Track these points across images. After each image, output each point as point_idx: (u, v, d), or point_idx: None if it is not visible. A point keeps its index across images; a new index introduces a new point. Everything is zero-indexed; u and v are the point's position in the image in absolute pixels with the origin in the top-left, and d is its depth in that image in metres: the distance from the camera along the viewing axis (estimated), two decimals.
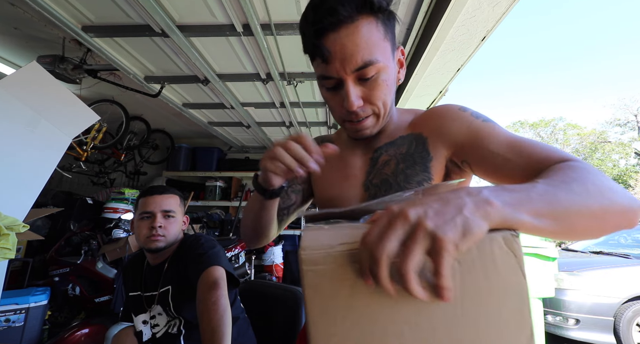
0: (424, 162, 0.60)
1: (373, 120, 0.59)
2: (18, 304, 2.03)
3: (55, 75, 2.07)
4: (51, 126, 1.50)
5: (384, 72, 0.55)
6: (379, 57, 0.53)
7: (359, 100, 0.55)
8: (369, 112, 0.58)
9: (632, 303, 2.72)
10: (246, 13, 1.66)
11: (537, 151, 0.48)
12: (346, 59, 0.51)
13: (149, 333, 1.17)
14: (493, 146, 0.53)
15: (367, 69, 0.52)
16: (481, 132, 0.55)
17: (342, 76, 0.53)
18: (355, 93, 0.54)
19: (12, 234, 1.22)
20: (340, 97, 0.56)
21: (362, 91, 0.55)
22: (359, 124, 0.59)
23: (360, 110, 0.57)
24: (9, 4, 1.86)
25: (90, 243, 2.72)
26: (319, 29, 0.51)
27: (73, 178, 3.70)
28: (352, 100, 0.54)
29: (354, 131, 0.61)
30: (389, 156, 0.64)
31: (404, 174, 0.60)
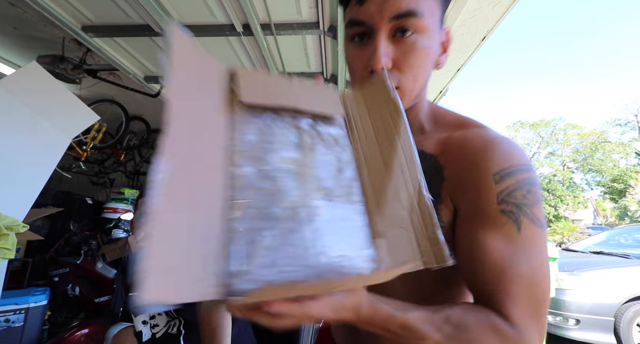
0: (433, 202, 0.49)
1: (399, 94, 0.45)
2: (18, 305, 2.03)
3: (55, 75, 2.07)
4: (51, 126, 1.50)
5: (426, 37, 0.44)
6: (426, 13, 0.43)
7: (388, 59, 0.44)
8: (394, 82, 0.44)
9: (633, 303, 2.72)
10: (246, 13, 1.66)
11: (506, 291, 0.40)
12: (386, 3, 0.42)
13: (149, 333, 1.17)
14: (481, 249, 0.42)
15: (409, 21, 0.42)
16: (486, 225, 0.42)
17: (376, 23, 0.43)
18: (385, 49, 0.43)
19: (12, 234, 1.22)
20: (365, 53, 0.45)
21: (395, 51, 0.44)
22: None
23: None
24: (9, 4, 1.86)
25: (90, 243, 2.72)
26: None
27: (73, 178, 3.70)
28: (379, 54, 0.43)
29: None
30: None
31: None
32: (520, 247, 0.41)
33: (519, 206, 0.41)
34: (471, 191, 0.44)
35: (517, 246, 0.41)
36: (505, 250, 0.40)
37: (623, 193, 17.20)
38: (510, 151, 0.44)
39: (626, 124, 19.27)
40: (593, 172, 19.12)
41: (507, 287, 0.40)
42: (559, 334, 2.84)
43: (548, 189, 18.20)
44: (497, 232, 0.41)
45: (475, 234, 0.42)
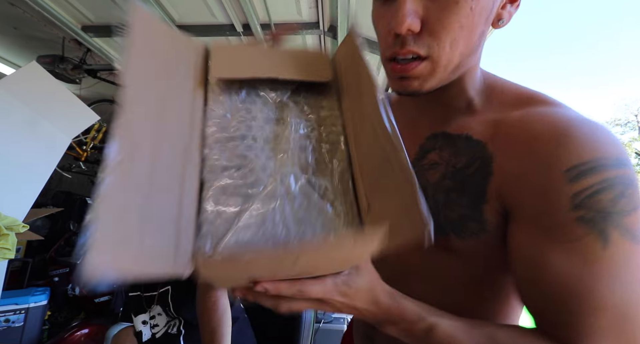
0: (475, 200, 0.38)
1: (426, 67, 0.36)
2: (18, 305, 2.03)
3: (55, 75, 2.07)
4: (51, 126, 1.50)
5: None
6: None
7: (416, 19, 0.33)
8: (422, 50, 0.35)
9: None
10: (246, 13, 1.66)
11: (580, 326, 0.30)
12: None
13: (149, 333, 1.17)
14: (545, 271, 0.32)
15: None
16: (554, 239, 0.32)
17: None
18: (413, 4, 0.33)
19: (12, 234, 1.22)
20: (390, 12, 0.35)
21: (427, 7, 0.33)
22: (405, 68, 0.36)
23: (412, 40, 0.34)
24: (9, 4, 1.86)
25: None
26: None
27: (73, 178, 3.69)
28: (404, 11, 0.32)
29: (396, 78, 0.38)
30: (440, 159, 0.42)
31: (445, 195, 0.40)
32: (606, 268, 0.30)
33: (605, 214, 0.30)
34: (532, 192, 0.33)
35: (602, 267, 0.30)
36: (584, 272, 0.30)
37: None
38: (594, 137, 0.32)
39: (626, 124, 19.28)
40: None
41: (586, 320, 0.30)
42: None
43: None
44: (571, 248, 0.31)
45: (539, 249, 0.32)
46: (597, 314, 0.30)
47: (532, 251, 0.33)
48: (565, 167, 0.31)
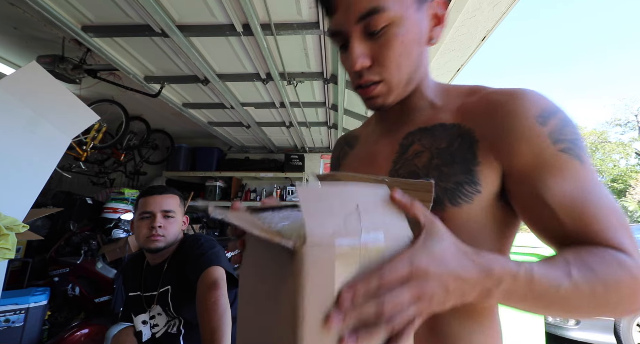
0: (467, 164, 0.45)
1: (383, 88, 0.47)
2: (18, 305, 2.03)
3: (55, 75, 2.07)
4: (51, 126, 1.50)
5: (398, 25, 0.44)
6: (391, 4, 0.43)
7: (364, 58, 0.45)
8: (376, 77, 0.46)
9: None
10: (246, 13, 1.66)
11: (598, 221, 0.38)
12: (350, 6, 0.43)
13: (149, 333, 1.17)
14: (550, 194, 0.40)
15: (374, 18, 0.43)
16: (547, 169, 0.41)
17: (346, 29, 0.45)
18: (359, 49, 0.45)
19: (12, 234, 1.22)
20: (347, 57, 0.47)
21: (371, 48, 0.45)
22: (367, 91, 0.48)
23: (366, 72, 0.46)
24: (9, 4, 1.86)
25: (90, 243, 2.72)
26: None
27: (73, 178, 3.69)
28: (353, 57, 0.45)
29: (364, 100, 0.51)
30: (422, 147, 0.50)
31: (438, 171, 0.47)
32: (589, 179, 0.40)
33: (574, 142, 0.41)
34: (518, 141, 0.42)
35: (587, 179, 0.40)
36: (578, 186, 0.40)
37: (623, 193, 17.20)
38: (539, 95, 0.44)
39: (626, 124, 19.28)
40: None
41: (600, 219, 0.38)
42: (559, 334, 2.84)
43: None
44: (563, 173, 0.40)
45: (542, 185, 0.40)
46: (604, 213, 0.38)
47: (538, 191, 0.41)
48: (535, 115, 0.42)
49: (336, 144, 0.73)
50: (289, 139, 4.31)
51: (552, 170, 0.41)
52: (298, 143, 4.45)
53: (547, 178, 0.40)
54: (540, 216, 0.41)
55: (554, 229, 0.40)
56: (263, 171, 4.50)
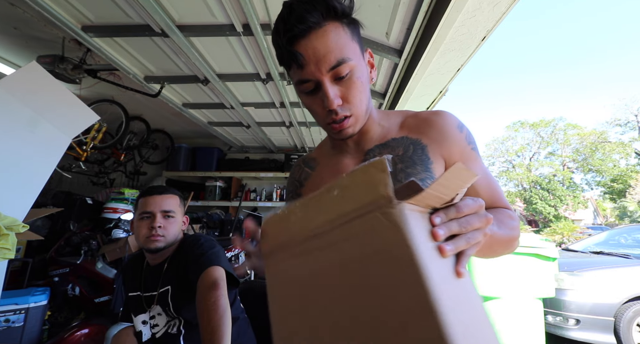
0: (425, 164, 0.62)
1: (352, 120, 0.61)
2: (18, 305, 2.03)
3: (55, 75, 2.07)
4: (51, 126, 1.50)
5: (357, 71, 0.57)
6: (351, 55, 0.56)
7: (338, 98, 0.57)
8: (347, 112, 0.59)
9: (633, 303, 2.72)
10: (246, 13, 1.66)
11: (496, 193, 0.66)
12: (320, 60, 0.54)
13: (149, 333, 1.17)
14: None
15: (341, 67, 0.55)
16: (468, 160, 0.64)
17: (318, 77, 0.56)
18: (333, 92, 0.56)
19: (12, 234, 1.22)
20: (319, 99, 0.58)
21: (340, 90, 0.57)
22: (340, 125, 0.60)
23: (340, 109, 0.58)
24: (9, 4, 1.86)
25: (90, 243, 2.72)
26: (290, 38, 0.54)
27: (73, 178, 3.69)
28: (331, 98, 0.56)
29: (336, 132, 0.62)
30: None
31: (404, 173, 0.62)
32: (484, 166, 0.68)
33: (475, 143, 0.67)
34: (451, 142, 0.64)
35: (484, 167, 0.68)
36: (484, 171, 0.67)
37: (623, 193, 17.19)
38: (449, 113, 0.67)
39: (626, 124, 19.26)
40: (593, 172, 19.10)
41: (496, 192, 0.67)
42: (559, 334, 2.84)
43: (548, 189, 18.18)
44: (476, 163, 0.66)
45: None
46: (497, 188, 0.67)
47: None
48: (455, 126, 0.65)
49: (295, 166, 0.81)
50: (289, 139, 4.31)
51: (471, 161, 0.65)
52: (298, 143, 4.45)
53: (469, 166, 0.57)
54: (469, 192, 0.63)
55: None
56: (263, 171, 4.50)
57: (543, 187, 18.44)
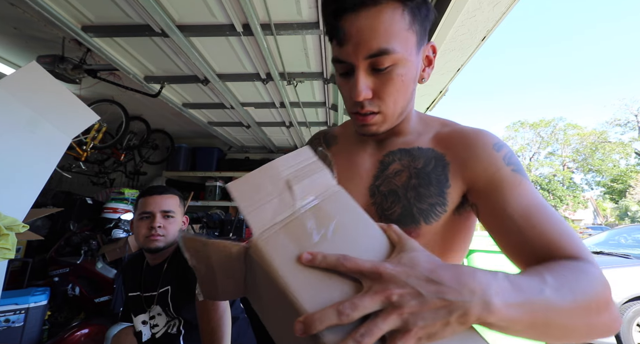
0: (441, 186, 0.54)
1: (379, 118, 0.53)
2: (18, 305, 2.03)
3: (55, 75, 2.07)
4: (51, 126, 1.50)
5: (401, 66, 0.49)
6: (398, 47, 0.47)
7: (368, 91, 0.50)
8: (375, 109, 0.51)
9: (633, 303, 2.72)
10: (246, 13, 1.66)
11: (552, 231, 0.44)
12: (361, 44, 0.47)
13: (149, 333, 1.17)
14: (510, 206, 0.47)
15: (382, 58, 0.47)
16: (505, 185, 0.49)
17: (354, 62, 0.49)
18: (364, 83, 0.49)
19: (12, 234, 1.22)
20: (349, 86, 0.51)
21: (374, 82, 0.50)
22: (364, 119, 0.53)
23: (368, 103, 0.51)
24: (9, 4, 1.86)
25: (90, 243, 2.72)
26: (338, 9, 0.47)
27: (73, 178, 3.69)
28: (359, 89, 0.49)
29: (359, 125, 0.55)
30: (402, 166, 0.57)
31: (415, 192, 0.54)
32: (536, 193, 0.49)
33: (519, 165, 0.52)
34: (482, 162, 0.52)
35: (535, 194, 0.49)
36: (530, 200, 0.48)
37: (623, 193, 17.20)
38: (493, 133, 0.57)
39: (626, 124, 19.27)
40: (593, 172, 19.11)
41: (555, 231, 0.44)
42: None
43: (548, 189, 18.18)
44: (518, 189, 0.49)
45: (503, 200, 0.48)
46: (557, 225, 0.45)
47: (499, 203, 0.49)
48: (492, 144, 0.53)
49: (314, 138, 0.74)
50: (289, 139, 4.31)
51: (509, 186, 0.49)
52: (298, 143, 4.45)
53: (507, 193, 0.49)
54: (503, 227, 0.48)
55: (516, 240, 0.46)
56: None
57: (543, 187, 18.44)
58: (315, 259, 0.31)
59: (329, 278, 0.31)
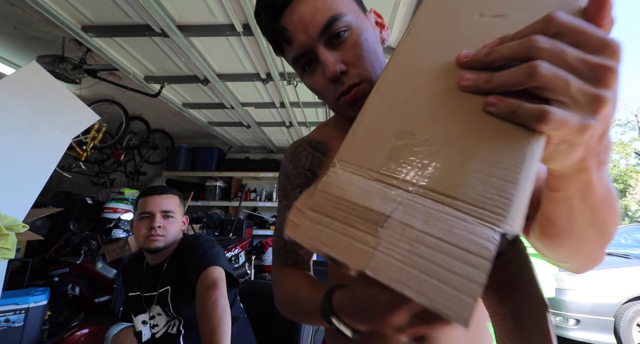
0: None
1: (365, 87, 0.48)
2: (18, 305, 2.03)
3: (55, 75, 2.07)
4: (51, 126, 1.50)
5: (358, 29, 0.47)
6: (345, 11, 0.46)
7: (339, 63, 0.46)
8: (356, 79, 0.47)
9: (633, 303, 2.72)
10: (246, 13, 1.66)
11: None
12: (309, 25, 0.45)
13: (149, 333, 1.17)
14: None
15: (335, 25, 0.45)
16: None
17: (309, 45, 0.46)
18: (331, 57, 0.46)
19: (12, 234, 1.22)
20: (320, 73, 0.48)
21: (340, 54, 0.47)
22: (351, 95, 0.48)
23: (345, 76, 0.47)
24: (9, 4, 1.86)
25: (90, 243, 2.72)
26: (275, 13, 0.47)
27: (73, 178, 3.70)
28: (329, 62, 0.45)
29: (349, 104, 0.49)
30: None
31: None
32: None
33: None
34: None
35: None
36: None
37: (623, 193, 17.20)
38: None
39: (626, 124, 19.27)
40: None
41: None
42: (559, 334, 2.83)
43: None
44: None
45: None
46: None
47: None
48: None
49: (298, 152, 0.64)
50: (289, 139, 4.31)
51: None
52: None
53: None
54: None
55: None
56: (263, 171, 4.51)
57: None
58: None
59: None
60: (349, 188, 0.27)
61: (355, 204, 0.26)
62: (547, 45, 0.22)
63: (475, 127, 0.25)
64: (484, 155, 0.24)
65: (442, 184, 0.24)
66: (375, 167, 0.27)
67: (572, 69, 0.22)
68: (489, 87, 0.24)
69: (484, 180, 0.23)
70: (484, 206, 0.23)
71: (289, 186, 0.62)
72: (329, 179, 0.29)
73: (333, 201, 0.27)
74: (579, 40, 0.22)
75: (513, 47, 0.23)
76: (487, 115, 0.25)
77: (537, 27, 0.23)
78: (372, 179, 0.27)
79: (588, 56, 0.22)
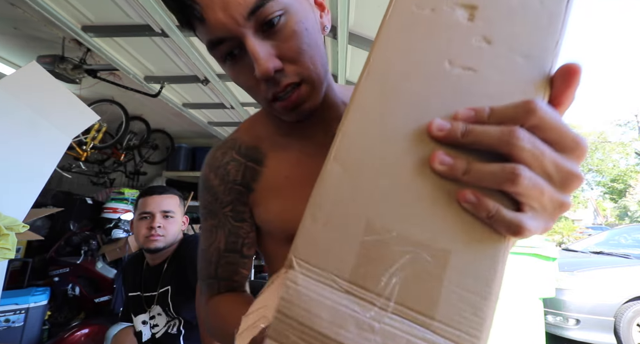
0: None
1: (306, 88, 0.39)
2: (18, 305, 2.03)
3: (55, 75, 2.07)
4: (51, 126, 1.50)
5: (296, 14, 0.37)
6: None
7: (273, 59, 0.36)
8: (294, 78, 0.38)
9: (633, 303, 2.72)
10: None
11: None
12: (230, 3, 0.33)
13: (149, 333, 1.17)
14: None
15: (266, 8, 0.34)
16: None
17: (234, 30, 0.35)
18: (264, 50, 0.36)
19: (12, 234, 1.22)
20: (248, 66, 0.37)
21: (274, 46, 0.36)
22: (289, 99, 0.39)
23: (281, 75, 0.37)
24: (9, 4, 1.86)
25: (90, 243, 2.72)
26: None
27: (73, 178, 3.70)
28: (261, 59, 0.35)
29: (287, 112, 0.41)
30: None
31: None
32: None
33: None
34: None
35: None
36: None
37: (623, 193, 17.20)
38: None
39: (626, 124, 19.27)
40: (593, 172, 19.12)
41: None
42: (559, 334, 2.84)
43: None
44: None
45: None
46: None
47: None
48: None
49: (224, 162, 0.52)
50: None
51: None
52: None
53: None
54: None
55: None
56: None
57: None
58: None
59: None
60: (316, 311, 0.23)
61: (328, 337, 0.22)
62: (529, 146, 0.21)
63: (449, 222, 0.23)
64: (458, 264, 0.23)
65: (418, 301, 0.22)
66: (343, 274, 0.23)
67: (547, 175, 0.22)
68: (466, 180, 0.23)
69: (460, 295, 0.22)
70: (460, 327, 0.22)
71: (216, 205, 0.53)
72: (289, 294, 0.24)
73: (298, 330, 0.23)
74: (556, 139, 0.22)
75: (493, 136, 0.22)
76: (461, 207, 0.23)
77: (518, 113, 0.22)
78: (341, 290, 0.23)
79: (561, 160, 0.22)
